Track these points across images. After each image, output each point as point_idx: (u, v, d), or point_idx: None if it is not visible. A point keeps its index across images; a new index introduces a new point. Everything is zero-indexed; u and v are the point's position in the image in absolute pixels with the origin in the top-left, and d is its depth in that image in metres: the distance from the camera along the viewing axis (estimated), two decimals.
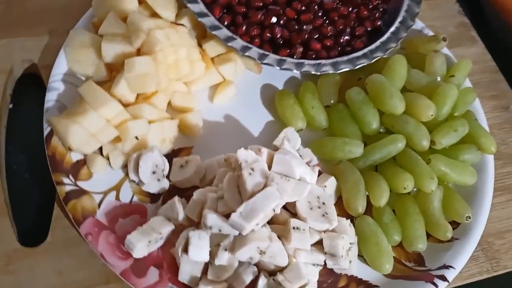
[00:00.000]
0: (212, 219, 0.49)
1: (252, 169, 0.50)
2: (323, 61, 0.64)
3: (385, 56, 0.66)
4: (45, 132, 0.56)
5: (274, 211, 0.49)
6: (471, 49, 0.80)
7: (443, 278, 0.54)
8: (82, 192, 0.53)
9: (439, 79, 0.67)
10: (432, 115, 0.60)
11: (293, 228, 0.50)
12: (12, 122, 0.63)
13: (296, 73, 0.68)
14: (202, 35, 0.67)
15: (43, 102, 0.61)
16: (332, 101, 0.65)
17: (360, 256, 0.56)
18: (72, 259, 0.52)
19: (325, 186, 0.57)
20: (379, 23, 0.69)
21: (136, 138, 0.56)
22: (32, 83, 0.66)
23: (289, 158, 0.52)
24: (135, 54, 0.59)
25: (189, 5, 0.64)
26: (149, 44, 0.59)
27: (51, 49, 0.66)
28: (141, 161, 0.54)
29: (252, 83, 0.67)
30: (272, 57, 0.63)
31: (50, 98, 0.59)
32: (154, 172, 0.55)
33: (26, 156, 0.61)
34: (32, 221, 0.56)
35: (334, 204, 0.58)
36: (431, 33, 0.75)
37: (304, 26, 0.66)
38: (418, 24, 0.75)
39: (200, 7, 0.64)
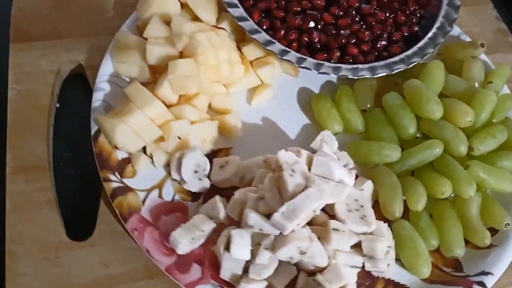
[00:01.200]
0: (253, 218, 0.50)
1: (293, 171, 0.51)
2: (360, 66, 0.65)
3: (422, 62, 0.66)
4: (93, 131, 0.59)
5: (315, 212, 0.50)
6: (509, 55, 0.80)
7: (482, 284, 0.54)
8: (127, 189, 0.55)
9: (476, 85, 0.67)
10: (470, 121, 0.60)
11: (333, 229, 0.51)
12: (58, 121, 0.65)
13: (331, 77, 0.69)
14: (240, 38, 0.68)
15: (88, 102, 0.64)
16: (368, 106, 0.66)
17: (397, 260, 0.56)
18: (117, 254, 0.54)
19: (362, 190, 0.57)
20: (416, 28, 0.70)
21: (179, 137, 0.58)
22: (78, 83, 0.69)
23: (328, 160, 0.53)
24: (178, 57, 0.61)
25: (229, 9, 0.66)
26: (192, 47, 0.60)
27: (96, 50, 0.68)
28: (183, 160, 0.56)
29: (289, 86, 0.69)
30: (310, 61, 0.64)
31: (97, 98, 0.61)
32: (196, 172, 0.57)
33: (72, 154, 0.63)
34: (79, 216, 0.58)
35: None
36: (468, 39, 0.75)
37: (342, 31, 0.66)
38: (455, 30, 0.75)
39: (240, 11, 0.66)
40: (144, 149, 0.59)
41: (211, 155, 0.61)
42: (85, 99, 0.67)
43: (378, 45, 0.67)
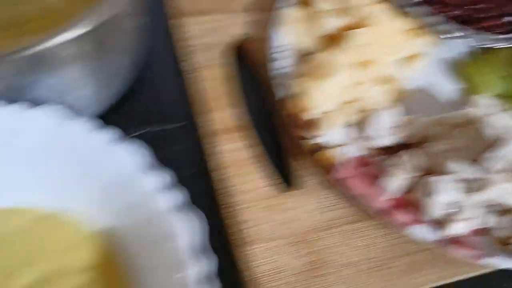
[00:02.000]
0: (453, 165, 0.57)
1: (486, 123, 0.58)
2: (510, 35, 0.71)
3: None
4: (280, 95, 0.64)
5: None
6: None
7: None
8: (323, 146, 0.61)
9: None
10: None
11: None
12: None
13: (475, 46, 0.75)
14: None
15: (253, 72, 0.71)
16: None
17: None
18: (327, 201, 0.60)
19: None
20: None
21: (363, 100, 0.64)
22: (243, 55, 0.74)
23: (509, 117, 0.60)
24: (350, 27, 0.67)
25: None
26: (367, 18, 0.66)
27: (258, 25, 0.74)
28: (374, 119, 0.62)
29: (439, 55, 0.75)
30: (465, 31, 0.70)
31: (278, 66, 0.67)
32: (384, 129, 0.63)
33: (253, 117, 0.69)
34: (283, 171, 0.63)
35: None
36: None
37: (485, 5, 0.73)
38: None
39: None
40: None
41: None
42: (249, 70, 0.73)
43: None
